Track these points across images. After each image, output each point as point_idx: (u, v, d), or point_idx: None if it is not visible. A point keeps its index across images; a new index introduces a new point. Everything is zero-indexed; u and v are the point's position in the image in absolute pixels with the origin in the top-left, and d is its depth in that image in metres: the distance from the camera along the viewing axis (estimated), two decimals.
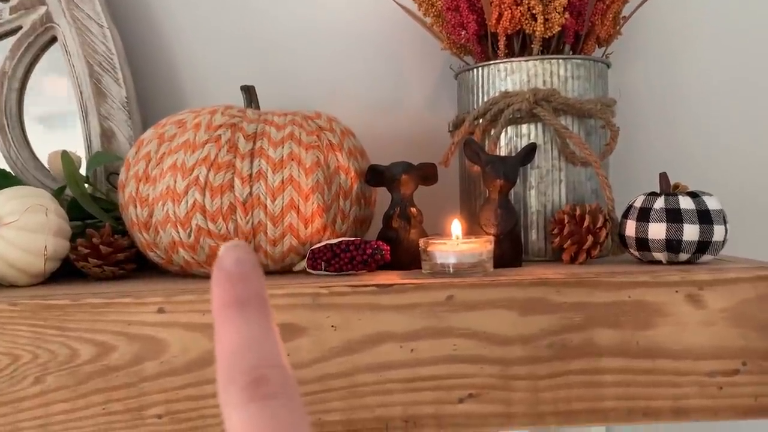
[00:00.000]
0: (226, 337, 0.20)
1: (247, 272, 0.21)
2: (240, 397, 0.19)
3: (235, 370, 0.19)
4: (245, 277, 0.21)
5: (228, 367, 0.20)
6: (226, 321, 0.21)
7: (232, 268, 0.21)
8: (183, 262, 0.56)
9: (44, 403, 0.48)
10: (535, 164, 0.61)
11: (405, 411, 0.49)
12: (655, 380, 0.49)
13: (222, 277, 0.21)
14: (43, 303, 0.48)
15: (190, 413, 0.48)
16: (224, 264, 0.22)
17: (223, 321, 0.21)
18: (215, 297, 0.21)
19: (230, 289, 0.21)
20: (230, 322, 0.21)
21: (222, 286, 0.21)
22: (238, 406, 0.19)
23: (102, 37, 0.72)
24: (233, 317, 0.21)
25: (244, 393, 0.19)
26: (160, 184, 0.55)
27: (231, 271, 0.21)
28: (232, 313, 0.21)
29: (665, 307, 0.49)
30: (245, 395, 0.19)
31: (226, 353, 0.20)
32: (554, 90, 0.60)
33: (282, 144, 0.56)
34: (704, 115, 0.79)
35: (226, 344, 0.20)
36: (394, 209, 0.59)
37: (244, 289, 0.21)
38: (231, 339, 0.20)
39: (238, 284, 0.21)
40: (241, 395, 0.19)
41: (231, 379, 0.19)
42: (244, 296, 0.21)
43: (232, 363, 0.20)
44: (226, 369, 0.20)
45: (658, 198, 0.55)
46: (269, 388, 0.19)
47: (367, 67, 0.79)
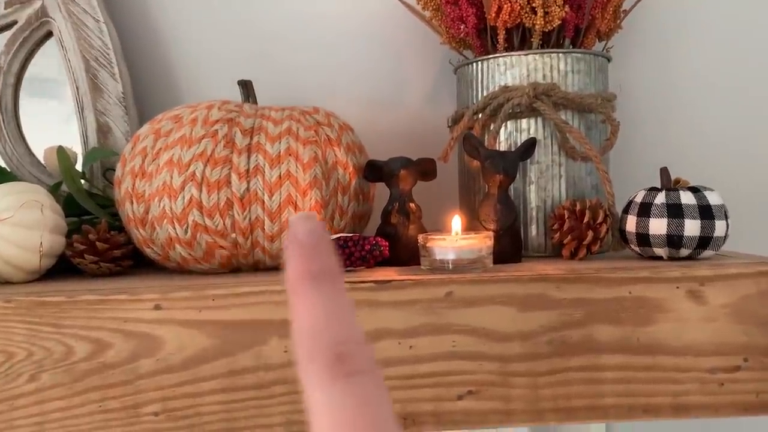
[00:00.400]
0: (303, 311, 0.20)
1: (321, 244, 0.21)
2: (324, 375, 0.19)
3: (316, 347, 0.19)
4: (320, 249, 0.21)
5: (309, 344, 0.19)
6: (303, 294, 0.20)
7: (307, 240, 0.21)
8: (180, 258, 0.56)
9: (40, 401, 0.48)
10: (535, 159, 0.61)
11: (404, 408, 0.49)
12: (656, 377, 0.49)
13: (297, 249, 0.21)
14: (38, 300, 0.48)
15: (186, 410, 0.48)
16: (298, 235, 0.21)
17: (299, 294, 0.20)
18: (291, 269, 0.21)
19: (306, 261, 0.21)
20: (307, 295, 0.20)
21: (297, 258, 0.21)
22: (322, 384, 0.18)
23: (98, 31, 0.71)
24: (310, 291, 0.20)
25: (328, 371, 0.19)
26: (157, 180, 0.54)
27: (305, 242, 0.21)
28: (308, 287, 0.20)
29: (666, 303, 0.49)
30: (330, 373, 0.19)
31: (305, 329, 0.20)
32: (554, 84, 0.59)
33: (279, 139, 0.56)
34: (705, 109, 0.79)
35: (305, 319, 0.20)
36: (392, 205, 0.59)
37: (319, 262, 0.21)
38: (309, 314, 0.20)
39: (314, 256, 0.21)
40: (326, 373, 0.19)
41: (313, 357, 0.19)
42: (320, 269, 0.21)
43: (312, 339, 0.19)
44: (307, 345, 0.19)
45: (659, 193, 0.54)
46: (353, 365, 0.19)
47: (366, 61, 0.79)
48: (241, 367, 0.48)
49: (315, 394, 0.19)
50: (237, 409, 0.48)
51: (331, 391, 0.18)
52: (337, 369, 0.19)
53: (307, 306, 0.20)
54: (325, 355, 0.19)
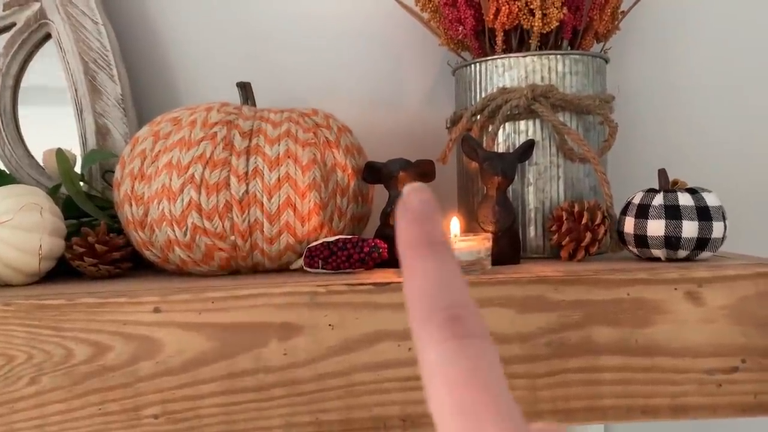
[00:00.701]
0: (417, 275, 0.20)
1: (434, 213, 0.21)
2: (438, 335, 0.19)
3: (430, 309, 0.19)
4: (432, 218, 0.21)
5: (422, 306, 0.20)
6: (417, 260, 0.20)
7: (420, 207, 0.21)
8: (179, 260, 0.56)
9: (40, 404, 0.48)
10: (533, 161, 0.61)
11: (403, 410, 0.49)
12: (654, 378, 0.49)
13: (410, 216, 0.21)
14: (37, 303, 0.48)
15: (186, 413, 0.48)
16: (411, 203, 0.21)
17: (413, 260, 0.21)
18: (403, 235, 0.21)
19: (419, 228, 0.21)
20: (421, 261, 0.20)
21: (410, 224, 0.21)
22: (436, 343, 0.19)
23: (96, 33, 0.71)
24: (423, 257, 0.20)
25: (441, 330, 0.19)
26: (156, 183, 0.54)
27: (418, 210, 0.21)
28: (422, 253, 0.21)
29: (664, 305, 0.49)
30: (443, 333, 0.19)
31: (419, 292, 0.20)
32: (552, 86, 0.59)
33: (278, 141, 0.56)
34: (703, 111, 0.79)
35: (418, 283, 0.20)
36: (391, 206, 0.59)
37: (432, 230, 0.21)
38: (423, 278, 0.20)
39: (426, 224, 0.21)
40: (439, 332, 0.19)
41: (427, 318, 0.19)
42: (433, 237, 0.21)
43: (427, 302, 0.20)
44: (420, 307, 0.20)
45: (656, 194, 0.54)
46: (466, 326, 0.19)
47: (365, 63, 0.79)
48: (241, 370, 0.48)
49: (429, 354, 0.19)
50: (236, 412, 0.48)
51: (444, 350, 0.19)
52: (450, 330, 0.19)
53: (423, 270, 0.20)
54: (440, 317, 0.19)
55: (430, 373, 0.19)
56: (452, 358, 0.18)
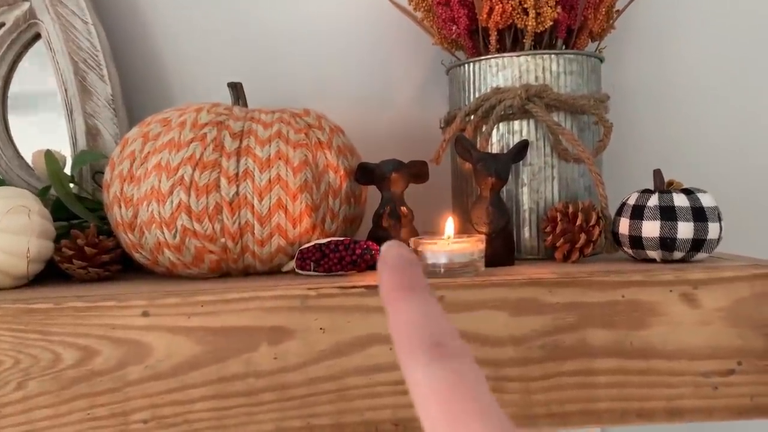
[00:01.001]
0: (402, 313, 0.22)
1: (409, 264, 0.24)
2: (424, 359, 0.21)
3: (416, 338, 0.22)
4: (411, 266, 0.24)
5: (409, 336, 0.22)
6: (400, 301, 0.23)
7: (397, 261, 0.24)
8: (169, 263, 0.55)
9: (27, 409, 0.47)
10: (528, 161, 0.60)
11: (395, 414, 0.48)
12: (650, 381, 0.49)
13: (388, 269, 0.24)
14: (24, 307, 0.47)
15: (175, 418, 0.47)
16: (388, 259, 0.24)
17: (396, 301, 0.23)
18: (384, 283, 0.24)
19: (398, 276, 0.23)
20: (404, 301, 0.23)
21: (389, 274, 0.24)
22: (423, 365, 0.21)
23: (86, 33, 0.71)
24: (406, 298, 0.23)
25: (427, 354, 0.21)
26: (145, 184, 0.54)
27: (396, 264, 0.24)
28: (403, 295, 0.23)
29: (659, 307, 0.49)
30: (429, 355, 0.21)
31: (405, 326, 0.22)
32: (546, 86, 0.59)
33: (269, 142, 0.55)
34: (699, 110, 0.79)
35: (404, 319, 0.22)
36: (384, 208, 0.58)
37: (411, 277, 0.23)
38: (408, 314, 0.22)
39: (405, 273, 0.24)
40: (425, 356, 0.21)
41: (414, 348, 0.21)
42: (412, 282, 0.23)
43: (413, 333, 0.22)
44: (407, 338, 0.22)
45: (651, 195, 0.54)
46: (449, 350, 0.21)
47: (357, 63, 0.78)
48: (231, 374, 0.47)
49: (416, 375, 0.21)
50: (227, 417, 0.47)
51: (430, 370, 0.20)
52: (435, 353, 0.21)
53: (406, 308, 0.23)
54: (425, 344, 0.21)
55: (419, 394, 0.20)
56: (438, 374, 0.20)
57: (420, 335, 0.22)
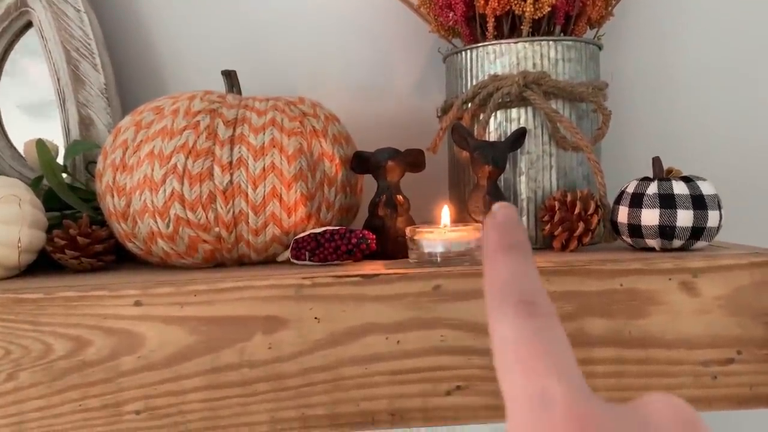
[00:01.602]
0: (497, 270, 0.24)
1: (516, 225, 0.26)
2: (513, 313, 0.22)
3: (507, 294, 0.22)
4: (515, 228, 0.25)
5: (501, 292, 0.23)
6: (498, 258, 0.24)
7: (504, 221, 0.26)
8: (162, 253, 0.54)
9: (18, 400, 0.47)
10: (525, 149, 0.60)
11: (391, 404, 0.48)
12: (648, 370, 0.48)
13: (496, 226, 0.26)
14: (15, 297, 0.46)
15: (169, 409, 0.47)
16: (497, 217, 0.26)
17: (496, 259, 0.24)
18: (490, 242, 0.25)
19: (503, 235, 0.25)
20: (502, 260, 0.24)
21: (494, 232, 0.25)
22: (511, 320, 0.22)
23: (79, 21, 0.70)
24: (504, 257, 0.24)
25: (517, 309, 0.22)
26: (138, 173, 0.53)
27: (503, 223, 0.26)
28: (503, 254, 0.24)
29: (658, 296, 0.48)
30: (518, 311, 0.22)
31: (498, 283, 0.23)
32: (544, 73, 0.58)
33: (263, 130, 0.54)
34: (698, 98, 0.78)
35: (498, 276, 0.23)
36: (380, 197, 0.57)
37: (514, 236, 0.25)
38: (503, 272, 0.23)
39: (509, 232, 0.25)
40: (514, 311, 0.22)
41: (504, 301, 0.22)
42: (514, 242, 0.25)
43: (505, 289, 0.23)
44: (498, 293, 0.23)
45: (651, 183, 0.53)
46: (538, 309, 0.22)
47: (353, 50, 0.77)
48: (225, 365, 0.47)
49: (504, 329, 0.22)
50: (220, 407, 0.47)
51: (518, 326, 0.21)
52: (524, 310, 0.22)
53: (502, 266, 0.24)
54: (515, 301, 0.22)
55: (502, 347, 0.21)
56: (525, 332, 0.21)
57: (512, 291, 0.22)
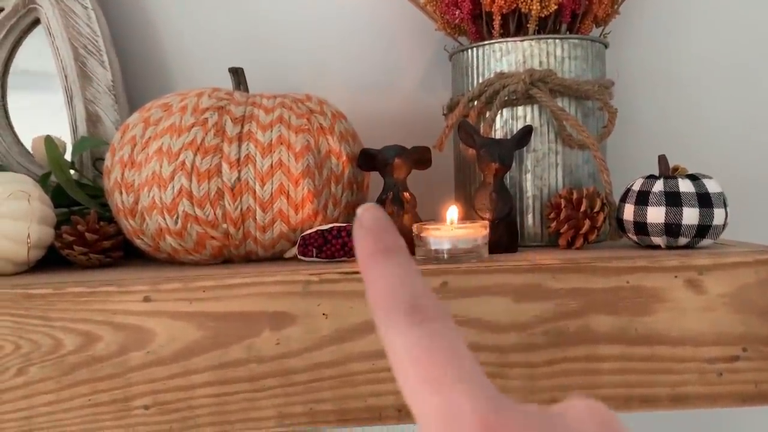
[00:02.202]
0: (378, 278, 0.22)
1: (386, 227, 0.24)
2: (403, 322, 0.21)
3: (394, 303, 0.21)
4: (386, 231, 0.24)
5: (386, 301, 0.22)
6: (376, 265, 0.23)
7: (373, 225, 0.24)
8: (170, 249, 0.55)
9: (28, 395, 0.47)
10: (531, 147, 0.60)
11: (398, 400, 0.48)
12: (654, 367, 0.49)
13: (364, 233, 0.24)
14: (25, 292, 0.47)
15: (177, 404, 0.47)
16: (364, 222, 0.24)
17: (373, 266, 0.23)
18: (361, 249, 0.23)
19: (374, 240, 0.23)
20: (380, 265, 0.23)
21: (366, 239, 0.23)
22: (401, 330, 0.21)
23: (86, 18, 0.70)
24: (382, 262, 0.23)
25: (406, 318, 0.21)
26: (146, 170, 0.53)
27: (372, 227, 0.24)
28: (380, 259, 0.23)
29: (664, 293, 0.48)
30: (407, 320, 0.21)
31: (381, 291, 0.22)
32: (550, 71, 0.58)
33: (271, 127, 0.54)
34: (704, 96, 0.78)
35: (381, 284, 0.22)
36: (386, 194, 0.58)
37: (387, 240, 0.23)
38: (384, 278, 0.22)
39: (381, 236, 0.23)
40: (404, 320, 0.21)
41: (392, 310, 0.21)
42: (388, 245, 0.23)
43: (390, 297, 0.22)
44: (384, 302, 0.22)
45: (656, 181, 0.53)
46: (427, 313, 0.21)
47: (359, 48, 0.77)
48: (233, 360, 0.47)
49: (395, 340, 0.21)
50: (229, 402, 0.47)
51: (409, 334, 0.20)
52: (413, 317, 0.21)
53: (382, 273, 0.22)
54: (402, 308, 0.21)
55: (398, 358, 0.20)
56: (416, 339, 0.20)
57: (396, 298, 0.21)
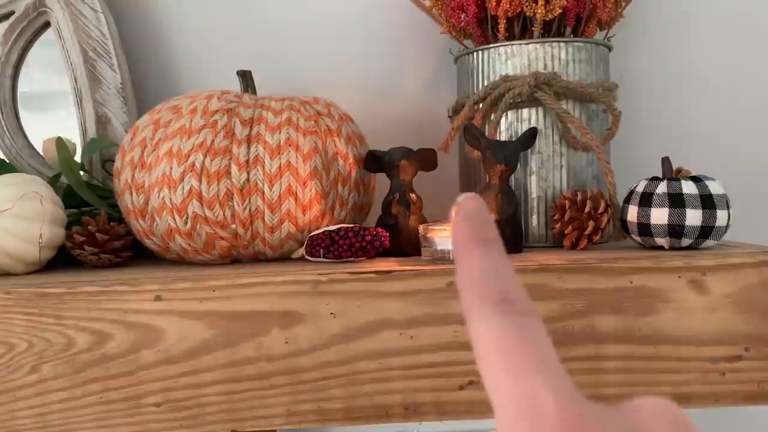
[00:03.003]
0: (472, 266, 0.22)
1: (488, 218, 0.24)
2: (491, 311, 0.21)
3: (486, 291, 0.21)
4: (486, 222, 0.23)
5: (477, 289, 0.22)
6: (473, 253, 0.23)
7: (475, 214, 0.24)
8: (180, 249, 0.55)
9: (41, 392, 0.48)
10: (536, 149, 0.60)
11: (405, 398, 0.48)
12: (657, 366, 0.49)
13: (464, 219, 0.23)
14: (38, 291, 0.48)
15: (188, 401, 0.48)
16: (465, 210, 0.24)
17: (469, 253, 0.23)
18: (459, 234, 0.23)
19: (473, 228, 0.23)
20: (476, 254, 0.22)
21: (465, 226, 0.23)
22: (489, 318, 0.21)
23: (96, 21, 0.71)
24: (478, 251, 0.22)
25: (495, 308, 0.21)
26: (156, 171, 0.54)
27: (474, 216, 0.23)
28: (476, 248, 0.23)
29: (667, 293, 0.49)
30: (496, 309, 0.21)
31: (474, 279, 0.22)
32: (555, 74, 0.59)
33: (279, 129, 0.55)
34: (707, 98, 0.79)
35: (474, 272, 0.22)
36: (393, 195, 0.58)
37: (486, 230, 0.23)
38: (478, 267, 0.22)
39: (481, 226, 0.23)
40: (492, 309, 0.21)
41: (483, 298, 0.21)
42: (487, 236, 0.23)
43: (482, 286, 0.22)
44: (475, 290, 0.22)
45: (660, 183, 0.54)
46: (517, 306, 0.21)
47: (365, 51, 0.78)
48: (243, 358, 0.48)
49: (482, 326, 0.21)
50: (238, 400, 0.48)
51: (497, 322, 0.20)
52: (502, 307, 0.21)
53: (477, 261, 0.22)
54: (493, 298, 0.21)
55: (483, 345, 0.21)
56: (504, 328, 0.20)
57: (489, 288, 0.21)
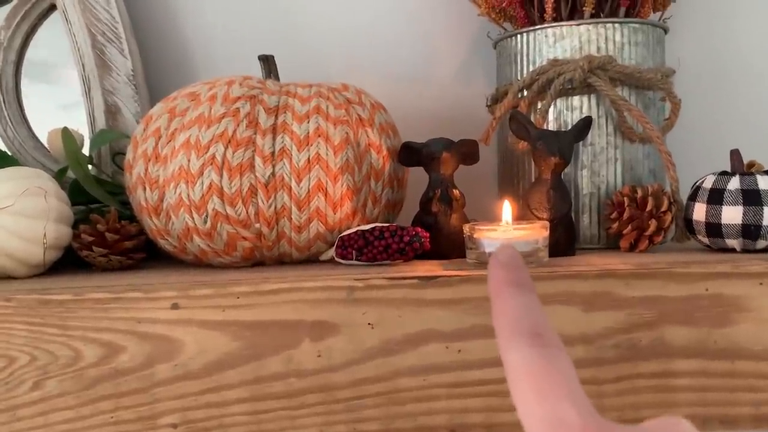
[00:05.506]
0: (509, 305, 0.26)
1: (521, 264, 0.27)
2: (524, 343, 0.24)
3: (519, 326, 0.24)
4: (520, 267, 0.27)
5: (512, 325, 0.25)
6: (508, 294, 0.26)
7: (510, 260, 0.27)
8: (198, 250, 0.51)
9: (45, 411, 0.43)
10: (588, 141, 0.56)
11: (451, 419, 0.44)
12: (735, 384, 0.45)
13: (500, 264, 0.27)
14: (41, 298, 0.43)
15: (208, 422, 0.43)
16: (501, 257, 0.28)
17: (505, 294, 0.26)
18: (495, 276, 0.27)
19: (509, 272, 0.27)
20: (512, 295, 0.26)
21: (502, 269, 0.27)
22: (520, 348, 0.24)
23: (105, 4, 0.67)
24: (514, 292, 0.26)
25: (527, 340, 0.24)
26: (172, 164, 0.49)
27: (508, 262, 0.27)
28: (512, 289, 0.26)
29: (746, 302, 0.44)
30: (528, 342, 0.24)
31: (509, 316, 0.25)
32: (611, 57, 0.54)
33: (308, 118, 0.50)
34: (760, 86, 0.73)
35: (510, 310, 0.25)
36: (433, 192, 0.53)
37: (520, 275, 0.27)
38: (514, 306, 0.25)
39: (516, 270, 0.27)
40: (525, 342, 0.24)
41: (516, 332, 0.24)
42: (521, 280, 0.26)
43: (516, 322, 0.25)
44: (510, 325, 0.25)
45: (732, 178, 0.49)
46: (547, 341, 0.24)
47: (394, 36, 0.74)
48: (270, 374, 0.43)
49: (514, 356, 0.24)
50: (265, 421, 0.43)
51: (528, 353, 0.23)
52: (533, 340, 0.24)
53: (513, 301, 0.26)
54: (525, 332, 0.24)
55: (515, 374, 0.23)
56: (535, 359, 0.23)
57: (522, 324, 0.24)
